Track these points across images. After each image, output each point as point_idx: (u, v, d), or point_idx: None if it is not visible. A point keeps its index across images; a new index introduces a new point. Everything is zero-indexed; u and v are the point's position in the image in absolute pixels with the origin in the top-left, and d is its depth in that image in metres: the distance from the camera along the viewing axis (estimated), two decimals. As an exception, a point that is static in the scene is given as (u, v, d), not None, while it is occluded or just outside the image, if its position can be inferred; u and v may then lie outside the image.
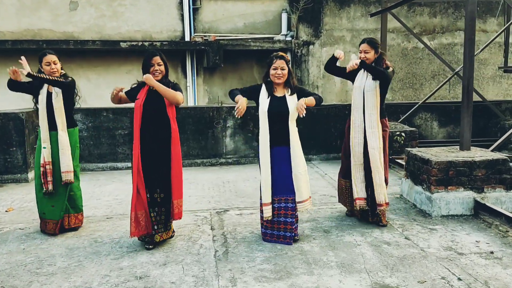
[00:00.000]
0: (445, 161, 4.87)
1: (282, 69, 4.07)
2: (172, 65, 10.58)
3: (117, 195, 6.20)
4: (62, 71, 4.56)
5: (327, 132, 8.44)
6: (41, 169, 4.56)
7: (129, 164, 7.88)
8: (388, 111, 4.83)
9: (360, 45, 4.70)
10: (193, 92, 10.49)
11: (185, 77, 10.55)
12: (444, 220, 4.85)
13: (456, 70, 8.15)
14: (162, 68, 4.13)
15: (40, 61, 4.44)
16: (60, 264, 3.92)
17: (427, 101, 8.66)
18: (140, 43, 9.69)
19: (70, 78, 4.55)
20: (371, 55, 4.62)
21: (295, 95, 4.13)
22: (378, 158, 4.61)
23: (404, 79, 11.02)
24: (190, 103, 10.45)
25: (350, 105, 8.49)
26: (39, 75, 4.28)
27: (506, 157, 4.91)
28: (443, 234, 4.44)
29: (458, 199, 4.90)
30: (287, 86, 4.16)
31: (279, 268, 3.74)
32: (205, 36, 10.31)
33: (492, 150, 5.58)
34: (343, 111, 8.43)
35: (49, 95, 4.49)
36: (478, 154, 5.11)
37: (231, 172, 7.65)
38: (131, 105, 4.25)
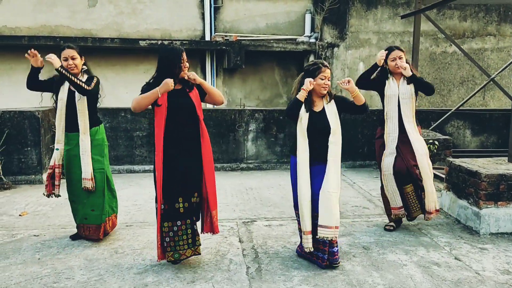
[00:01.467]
0: (496, 174, 4.47)
1: (329, 79, 3.68)
2: (191, 65, 10.25)
3: (135, 200, 5.86)
4: (84, 67, 4.22)
5: (353, 138, 8.05)
6: (49, 170, 4.27)
7: (146, 167, 7.56)
8: (418, 118, 4.56)
9: (390, 52, 4.44)
10: (212, 94, 10.14)
11: (204, 78, 10.20)
12: (493, 238, 4.44)
13: (492, 76, 7.72)
14: (187, 64, 3.72)
15: (59, 56, 4.11)
16: (79, 277, 3.58)
17: (459, 108, 8.23)
18: (159, 42, 9.37)
19: (95, 78, 4.19)
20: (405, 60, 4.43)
21: (333, 104, 3.73)
22: (427, 164, 4.38)
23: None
24: (209, 106, 10.12)
25: (378, 110, 8.19)
26: (68, 74, 3.95)
27: None
28: (496, 255, 4.03)
29: (508, 215, 4.49)
30: (324, 96, 3.75)
31: (320, 290, 3.37)
32: (226, 36, 9.97)
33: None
34: (371, 117, 8.04)
35: (71, 93, 4.15)
36: (530, 167, 4.69)
37: (254, 178, 7.28)
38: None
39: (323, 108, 3.72)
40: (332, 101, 3.74)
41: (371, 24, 10.05)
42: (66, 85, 4.16)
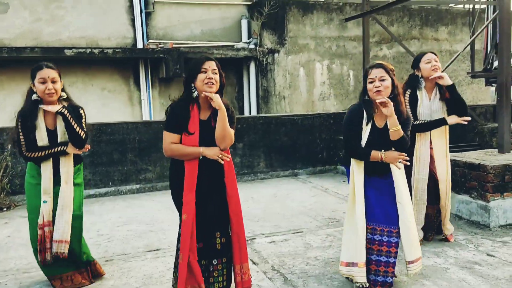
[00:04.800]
0: (501, 165, 4.42)
1: (382, 79, 3.01)
2: (123, 76, 9.35)
3: (98, 230, 4.96)
4: (64, 94, 3.32)
5: (312, 144, 7.80)
6: (39, 231, 3.28)
7: (91, 192, 6.59)
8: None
9: (422, 56, 3.94)
10: (148, 107, 9.32)
11: (139, 89, 9.36)
12: (506, 231, 4.37)
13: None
14: (217, 78, 2.89)
15: (33, 76, 3.19)
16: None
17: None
18: (88, 50, 8.36)
19: (82, 113, 3.36)
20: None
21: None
22: (447, 191, 4.04)
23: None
24: (146, 119, 9.27)
25: (334, 113, 8.05)
26: (71, 120, 3.24)
27: (558, 158, 4.58)
28: (522, 247, 3.94)
29: (515, 206, 4.46)
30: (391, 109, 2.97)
31: (385, 308, 2.94)
32: (160, 43, 9.23)
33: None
34: (328, 120, 7.86)
35: (51, 133, 3.25)
36: (525, 156, 4.74)
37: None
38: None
39: (386, 124, 3.07)
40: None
41: (308, 29, 9.97)
42: (41, 122, 3.23)
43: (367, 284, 3.11)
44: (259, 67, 9.95)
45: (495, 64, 8.53)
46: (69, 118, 3.19)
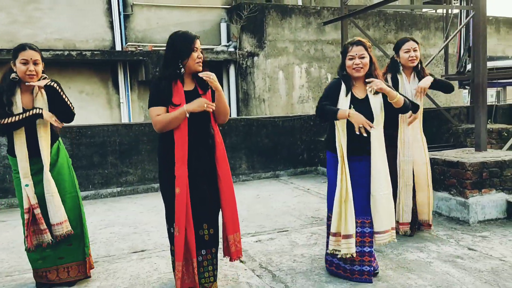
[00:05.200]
0: (478, 162, 4.56)
1: (362, 57, 3.15)
2: (101, 79, 9.25)
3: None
4: (44, 75, 3.28)
5: (293, 145, 7.86)
6: (26, 216, 3.22)
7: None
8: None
9: (403, 43, 4.12)
10: (127, 109, 9.23)
11: (117, 92, 9.27)
12: (484, 226, 4.51)
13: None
14: (201, 55, 2.99)
15: (15, 56, 3.15)
16: (74, 335, 2.73)
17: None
18: (66, 53, 8.25)
19: (54, 84, 3.25)
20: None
21: (379, 95, 3.22)
22: (425, 174, 4.16)
23: (343, 91, 10.95)
24: (125, 121, 9.19)
25: (314, 115, 8.14)
26: (62, 93, 3.21)
27: (532, 155, 4.76)
28: (501, 241, 4.06)
29: (492, 202, 4.61)
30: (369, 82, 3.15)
31: (373, 301, 3.00)
32: (139, 46, 9.18)
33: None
34: (308, 122, 7.94)
35: (27, 112, 3.17)
36: (501, 154, 4.90)
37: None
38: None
39: (366, 96, 3.25)
40: (380, 94, 3.22)
41: (287, 33, 10.08)
42: (18, 100, 3.17)
43: (355, 255, 3.20)
44: (239, 70, 9.99)
45: (468, 67, 8.81)
46: (59, 90, 3.16)
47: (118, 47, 9.10)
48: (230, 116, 10.21)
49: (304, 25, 10.33)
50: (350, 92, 3.22)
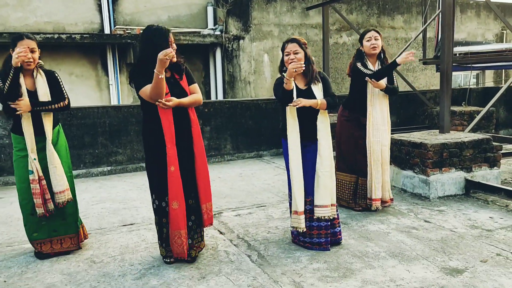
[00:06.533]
0: (439, 144, 4.99)
1: (296, 53, 3.55)
2: (91, 61, 9.51)
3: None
4: (41, 61, 3.65)
5: (275, 127, 8.24)
6: (35, 186, 3.57)
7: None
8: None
9: (365, 33, 4.51)
10: (116, 91, 9.53)
11: (107, 74, 9.55)
12: (443, 201, 4.96)
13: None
14: (174, 46, 3.37)
15: (13, 45, 3.48)
16: (71, 294, 3.14)
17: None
18: (56, 36, 8.49)
19: (58, 79, 3.70)
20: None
21: (320, 84, 3.70)
22: (387, 155, 4.57)
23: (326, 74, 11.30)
24: (114, 103, 9.48)
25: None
26: (46, 106, 3.58)
27: (489, 137, 5.20)
28: (455, 215, 4.51)
29: (451, 179, 5.05)
30: (306, 75, 3.65)
31: (333, 266, 3.43)
32: (127, 29, 9.42)
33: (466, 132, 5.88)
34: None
35: (32, 93, 3.55)
36: (462, 135, 5.33)
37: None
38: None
39: (309, 86, 3.68)
40: (319, 82, 3.71)
41: (272, 17, 10.36)
42: (22, 80, 3.53)
43: (305, 229, 3.67)
44: (225, 53, 10.29)
45: (445, 51, 9.20)
46: (43, 108, 3.58)
47: (107, 30, 9.33)
48: (216, 98, 10.58)
49: (289, 9, 10.60)
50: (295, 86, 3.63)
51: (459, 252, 3.59)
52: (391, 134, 4.74)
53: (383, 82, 4.45)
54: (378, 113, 4.49)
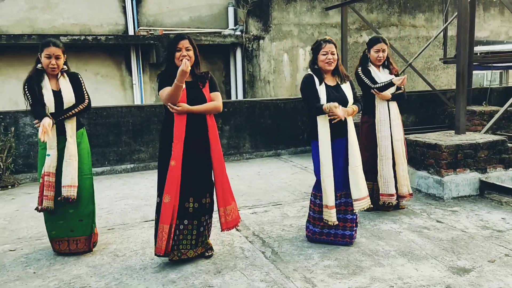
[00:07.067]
0: (454, 145, 5.05)
1: (333, 53, 3.77)
2: (115, 62, 9.81)
3: (98, 204, 5.49)
4: (65, 67, 3.87)
5: (294, 126, 8.39)
6: (41, 180, 3.81)
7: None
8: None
9: (375, 43, 4.61)
10: (139, 91, 9.81)
11: (130, 74, 9.83)
12: (457, 202, 5.02)
13: (410, 62, 8.57)
14: (191, 53, 3.48)
15: (41, 50, 3.73)
16: (95, 284, 3.35)
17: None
18: (82, 37, 8.80)
19: (81, 80, 3.94)
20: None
21: (348, 82, 3.88)
22: (401, 149, 4.63)
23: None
24: (137, 102, 9.77)
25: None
26: (66, 115, 3.79)
27: (504, 138, 5.23)
28: (468, 215, 4.58)
29: (466, 180, 5.11)
30: (335, 74, 3.87)
31: (344, 263, 3.56)
32: (150, 30, 9.68)
33: (484, 133, 5.90)
34: (308, 104, 8.42)
35: (56, 94, 3.77)
36: (477, 137, 5.37)
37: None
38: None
39: (337, 83, 3.85)
40: (348, 82, 3.88)
41: (292, 17, 10.47)
42: (47, 83, 3.77)
43: (337, 222, 3.81)
44: (245, 53, 10.45)
45: (466, 51, 9.16)
46: (63, 117, 3.82)
47: (131, 31, 9.60)
48: (236, 97, 10.76)
49: (309, 9, 10.69)
50: (323, 82, 3.79)
51: (468, 252, 3.67)
52: (409, 133, 4.83)
53: (388, 92, 4.56)
54: (385, 109, 4.60)
